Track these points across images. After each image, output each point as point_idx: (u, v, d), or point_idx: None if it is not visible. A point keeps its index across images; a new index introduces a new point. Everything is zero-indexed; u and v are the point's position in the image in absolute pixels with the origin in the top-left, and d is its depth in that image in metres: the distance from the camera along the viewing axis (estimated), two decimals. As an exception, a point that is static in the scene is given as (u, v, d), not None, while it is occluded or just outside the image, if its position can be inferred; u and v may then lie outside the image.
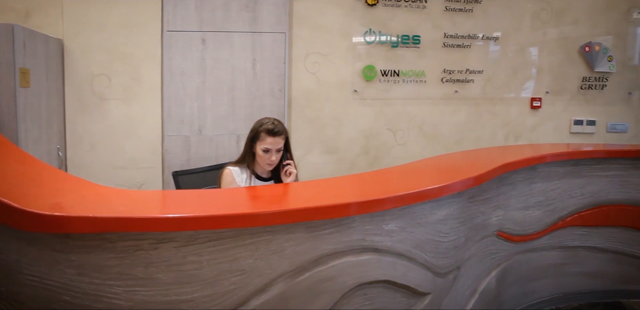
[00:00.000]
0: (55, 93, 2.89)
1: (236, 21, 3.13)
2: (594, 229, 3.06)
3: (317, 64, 3.28)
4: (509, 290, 2.77)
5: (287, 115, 3.29)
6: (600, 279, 3.09)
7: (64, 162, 3.11)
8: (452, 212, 2.00)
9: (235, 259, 1.39)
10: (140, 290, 1.37)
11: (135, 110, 3.13)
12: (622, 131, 3.84)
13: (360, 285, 1.62)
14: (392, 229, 1.67)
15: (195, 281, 1.38)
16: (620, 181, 3.03)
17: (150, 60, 3.07)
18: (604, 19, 3.67)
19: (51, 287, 1.38)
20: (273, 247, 1.42)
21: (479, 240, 2.40)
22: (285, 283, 1.46)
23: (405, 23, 3.37)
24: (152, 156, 3.22)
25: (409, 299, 1.84)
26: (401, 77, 3.39)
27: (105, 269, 1.36)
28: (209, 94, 3.17)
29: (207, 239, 1.36)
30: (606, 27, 3.68)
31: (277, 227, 1.40)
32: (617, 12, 3.68)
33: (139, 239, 1.33)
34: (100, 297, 1.38)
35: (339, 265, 1.54)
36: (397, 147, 3.49)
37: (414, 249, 1.81)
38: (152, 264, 1.35)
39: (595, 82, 3.72)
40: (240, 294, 1.43)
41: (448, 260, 2.06)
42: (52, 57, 2.79)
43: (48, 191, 1.45)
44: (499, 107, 3.62)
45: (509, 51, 3.59)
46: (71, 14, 2.97)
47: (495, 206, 2.50)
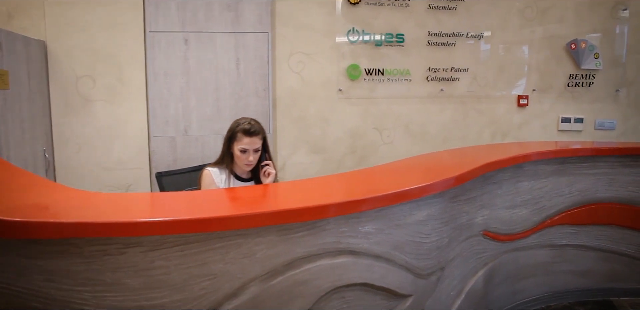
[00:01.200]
0: (39, 94, 2.85)
1: (218, 21, 3.09)
2: (583, 227, 3.03)
3: (301, 63, 3.25)
4: (497, 290, 2.75)
5: (272, 115, 3.25)
6: (590, 277, 3.07)
7: (51, 164, 3.07)
8: (433, 212, 1.97)
9: (204, 263, 1.36)
10: (109, 295, 1.34)
11: (120, 112, 3.10)
12: (610, 128, 3.81)
13: (337, 288, 1.59)
14: (369, 231, 1.64)
15: (164, 286, 1.35)
16: (607, 179, 3.00)
17: (133, 61, 3.03)
18: (590, 16, 3.64)
19: (20, 294, 1.35)
20: (244, 250, 1.39)
21: (464, 240, 2.37)
22: (258, 287, 1.43)
23: (388, 22, 3.33)
24: (139, 157, 3.19)
25: (390, 301, 1.81)
26: (386, 75, 3.36)
27: (73, 275, 1.32)
28: (194, 95, 3.14)
29: (175, 243, 1.33)
30: (592, 25, 3.65)
31: (248, 230, 1.37)
32: (603, 9, 3.65)
33: (105, 243, 1.29)
34: (69, 303, 1.34)
35: (314, 268, 1.51)
36: (384, 146, 3.46)
37: (393, 251, 1.78)
38: (120, 269, 1.32)
39: (582, 79, 3.69)
40: (212, 298, 1.40)
41: (431, 262, 2.03)
42: (34, 59, 2.75)
43: (15, 195, 1.42)
44: (486, 105, 3.60)
45: (495, 49, 3.55)
46: (53, 15, 2.93)
47: (480, 206, 2.47)
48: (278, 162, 3.35)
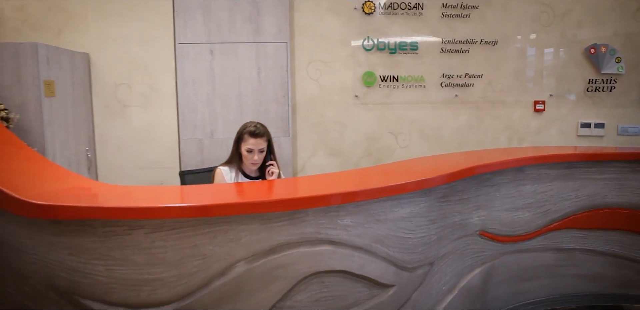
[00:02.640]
0: (82, 100, 3.24)
1: (241, 33, 3.38)
2: (592, 232, 3.04)
3: (319, 71, 3.48)
4: (498, 289, 2.83)
5: (292, 120, 3.50)
6: (600, 282, 3.06)
7: (93, 162, 3.47)
8: (418, 210, 2.13)
9: (196, 245, 1.61)
10: (118, 268, 1.62)
11: (153, 116, 3.46)
12: (636, 134, 3.76)
13: (316, 273, 1.79)
14: (348, 224, 1.83)
15: (162, 263, 1.61)
16: (617, 184, 2.99)
17: (165, 70, 3.39)
18: (611, 20, 3.63)
19: (49, 265, 1.66)
20: (230, 236, 1.63)
21: (457, 238, 2.49)
22: (243, 268, 1.67)
23: (402, 30, 3.50)
24: (170, 157, 3.53)
25: (371, 289, 1.99)
26: (400, 82, 3.52)
27: (90, 251, 1.62)
28: (219, 101, 3.44)
29: (171, 227, 1.59)
30: (614, 28, 3.64)
31: (232, 217, 1.61)
32: (627, 12, 3.63)
33: (115, 225, 1.58)
34: (86, 273, 1.64)
35: (293, 254, 1.72)
36: (400, 149, 3.62)
37: (374, 244, 1.95)
38: (126, 247, 1.60)
39: (603, 84, 3.68)
40: (203, 275, 1.65)
41: (417, 256, 2.18)
42: (78, 69, 3.14)
43: (46, 185, 1.74)
44: (501, 110, 3.66)
45: (509, 55, 3.62)
46: (96, 30, 3.34)
47: (476, 206, 2.58)
48: (298, 164, 3.59)
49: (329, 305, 1.86)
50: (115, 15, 3.34)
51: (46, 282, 1.68)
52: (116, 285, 1.64)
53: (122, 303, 1.65)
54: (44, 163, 1.91)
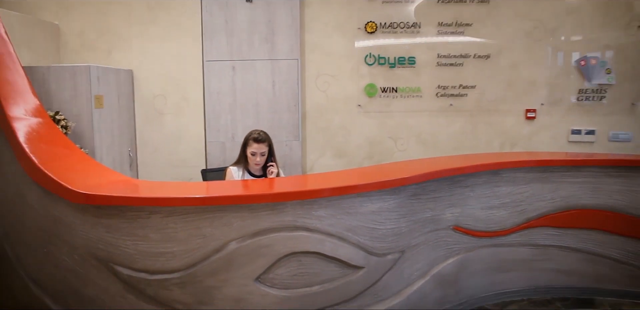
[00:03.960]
0: (126, 110, 3.81)
1: (258, 51, 3.83)
2: (567, 230, 3.22)
3: (326, 83, 3.89)
4: (473, 278, 3.09)
5: (302, 126, 3.92)
6: (574, 276, 3.22)
7: (134, 161, 4.04)
8: (387, 206, 2.48)
9: (198, 227, 2.06)
10: (140, 243, 2.10)
11: (184, 122, 3.97)
12: (626, 140, 3.92)
13: (294, 253, 2.19)
14: (322, 215, 2.22)
15: (173, 240, 2.08)
16: (591, 187, 3.18)
17: (194, 84, 3.90)
18: (601, 33, 3.80)
19: (92, 239, 2.16)
20: (224, 221, 2.07)
21: (430, 232, 2.81)
22: (234, 246, 2.10)
23: (401, 47, 3.83)
24: (198, 157, 4.03)
25: (343, 269, 2.37)
26: (399, 93, 3.87)
27: (120, 230, 2.10)
28: (239, 109, 3.91)
29: (180, 213, 2.05)
30: (605, 41, 3.80)
31: (226, 207, 2.05)
32: (617, 26, 3.79)
33: (138, 210, 2.05)
34: (118, 246, 2.13)
35: (274, 237, 2.14)
36: (399, 152, 3.96)
37: (346, 232, 2.33)
38: (147, 227, 2.07)
39: (593, 94, 3.86)
40: (204, 251, 2.10)
41: (387, 244, 2.54)
42: (123, 84, 3.71)
43: (92, 179, 2.25)
44: (494, 118, 3.92)
45: (502, 67, 3.85)
46: (138, 50, 3.89)
47: (449, 204, 2.87)
48: (307, 164, 4.01)
49: (305, 279, 2.27)
50: (154, 37, 3.88)
51: (89, 252, 2.18)
52: (139, 256, 2.12)
53: (144, 269, 2.13)
54: (91, 163, 2.44)
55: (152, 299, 2.14)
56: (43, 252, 2.35)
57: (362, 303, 2.47)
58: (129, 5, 3.88)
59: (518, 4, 3.81)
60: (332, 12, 3.85)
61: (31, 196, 2.35)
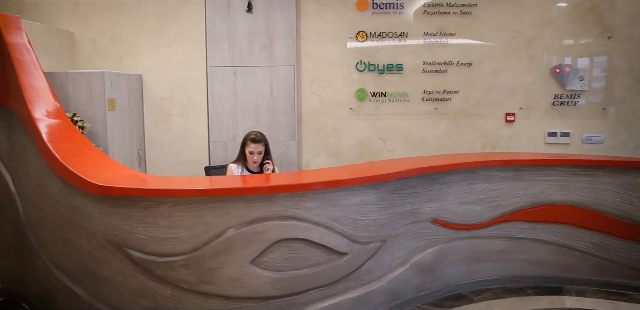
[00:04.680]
0: (136, 111, 4.07)
1: (257, 58, 4.09)
2: (539, 224, 3.42)
3: (321, 88, 4.14)
4: (451, 266, 3.31)
5: (298, 128, 4.18)
6: (545, 266, 3.43)
7: (143, 159, 4.31)
8: (369, 199, 2.71)
9: (201, 216, 2.32)
10: (151, 229, 2.35)
11: (189, 123, 4.23)
12: (598, 142, 4.16)
13: (284, 239, 2.44)
14: (309, 206, 2.47)
15: (180, 227, 2.33)
16: (560, 185, 3.38)
17: (199, 88, 4.16)
18: (575, 43, 4.04)
19: (109, 226, 2.41)
20: (224, 210, 2.33)
21: (409, 223, 3.03)
22: (232, 232, 2.35)
23: (389, 54, 4.07)
24: (202, 155, 4.29)
25: (329, 255, 2.61)
26: (388, 97, 4.12)
27: (133, 217, 2.36)
28: (240, 112, 4.17)
29: (185, 203, 2.30)
30: (578, 51, 4.04)
31: (225, 198, 2.30)
32: (589, 37, 4.04)
33: (149, 201, 2.31)
34: (132, 232, 2.38)
35: (267, 225, 2.39)
36: (387, 152, 4.22)
37: (332, 222, 2.58)
38: (157, 216, 2.33)
39: (568, 99, 4.10)
40: (205, 237, 2.35)
41: (369, 234, 2.77)
42: (133, 87, 3.97)
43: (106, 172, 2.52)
44: (476, 121, 4.17)
45: (483, 74, 4.08)
46: (147, 56, 4.15)
47: (428, 199, 3.10)
48: (303, 163, 4.27)
49: (295, 263, 2.51)
50: (162, 45, 4.15)
51: (105, 238, 2.44)
52: (150, 241, 2.37)
53: (154, 253, 2.38)
54: (105, 159, 2.70)
55: (161, 279, 2.39)
56: (63, 238, 2.61)
57: (347, 286, 2.72)
58: (139, 15, 4.15)
59: (498, 15, 4.06)
60: (326, 23, 4.11)
61: (53, 188, 2.61)
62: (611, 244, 3.40)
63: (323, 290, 2.63)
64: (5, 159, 2.97)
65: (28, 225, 2.87)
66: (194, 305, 2.42)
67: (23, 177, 2.86)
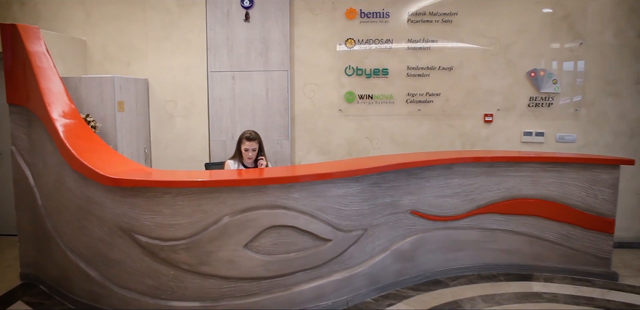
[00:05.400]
0: (142, 113, 4.34)
1: (254, 64, 4.35)
2: (511, 217, 3.64)
3: (312, 91, 4.40)
4: (429, 254, 3.52)
5: (291, 127, 4.44)
6: (516, 255, 3.67)
7: (149, 156, 4.57)
8: (351, 191, 2.96)
9: (199, 204, 2.58)
10: (156, 217, 2.61)
11: (191, 123, 4.50)
12: (571, 141, 4.40)
13: (274, 226, 2.69)
14: (297, 197, 2.73)
15: (181, 214, 2.60)
16: (530, 180, 3.61)
17: (200, 91, 4.42)
18: (549, 49, 4.28)
19: (118, 214, 2.68)
20: (220, 200, 2.60)
21: (390, 214, 3.26)
22: (227, 219, 2.61)
23: (376, 60, 4.31)
24: (203, 153, 4.55)
25: (315, 241, 2.87)
26: (374, 99, 4.37)
27: (141, 206, 2.63)
28: (238, 113, 4.43)
29: (186, 193, 2.57)
30: (552, 55, 4.27)
31: (221, 189, 2.56)
32: (562, 42, 4.28)
33: (154, 191, 2.58)
34: (139, 220, 2.65)
35: (258, 213, 2.64)
36: (374, 150, 4.47)
37: (317, 211, 2.83)
38: (161, 204, 2.60)
39: (542, 101, 4.35)
40: (204, 223, 2.61)
41: (352, 222, 3.02)
42: (140, 91, 4.25)
43: (117, 165, 2.80)
44: (456, 121, 4.41)
45: (463, 78, 4.30)
46: (153, 62, 4.42)
47: (407, 192, 3.33)
48: (295, 160, 4.52)
49: (284, 247, 2.77)
50: (166, 51, 4.41)
51: (116, 224, 2.72)
52: (155, 226, 2.65)
53: (158, 237, 2.65)
54: (115, 155, 2.97)
55: (164, 261, 2.67)
56: (78, 225, 2.89)
57: (331, 269, 2.99)
58: (145, 24, 4.42)
59: (477, 23, 4.31)
60: (317, 31, 4.36)
61: (69, 181, 2.90)
62: (577, 234, 3.64)
63: (309, 273, 2.89)
64: (25, 156, 3.25)
65: (46, 214, 3.15)
66: (193, 284, 2.69)
67: (41, 171, 3.14)
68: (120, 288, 2.79)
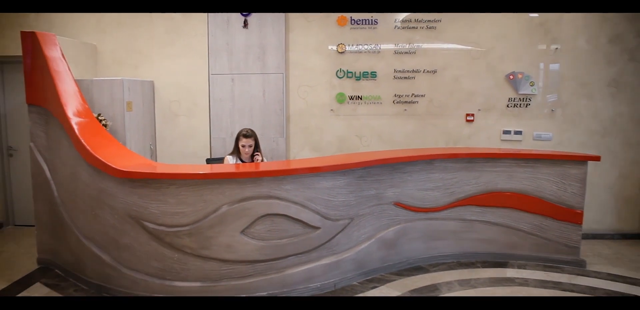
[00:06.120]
0: (148, 112, 4.60)
1: (252, 67, 4.58)
2: (488, 208, 3.86)
3: (306, 92, 4.65)
4: (411, 243, 3.74)
5: (286, 126, 4.69)
6: (493, 244, 3.89)
7: (154, 152, 4.83)
8: (338, 184, 3.20)
9: (201, 195, 2.83)
10: (162, 205, 2.86)
11: (194, 122, 4.75)
12: (547, 139, 4.65)
13: (268, 214, 2.93)
14: (288, 189, 2.97)
15: (185, 203, 2.84)
16: (506, 175, 3.82)
17: (202, 92, 4.66)
18: (526, 54, 4.53)
19: (127, 203, 2.93)
20: (219, 191, 2.84)
21: (375, 205, 3.48)
22: (225, 208, 2.85)
23: (365, 63, 4.54)
24: (204, 149, 4.78)
25: (305, 228, 3.11)
26: (363, 100, 4.61)
27: (149, 196, 2.88)
28: (237, 113, 4.69)
29: (190, 184, 2.81)
30: (530, 59, 4.51)
31: (221, 180, 2.80)
32: (540, 47, 4.53)
33: (161, 182, 2.83)
34: (147, 208, 2.90)
35: (254, 202, 2.89)
36: (363, 148, 4.71)
37: (307, 201, 3.07)
38: (167, 194, 2.84)
39: (520, 101, 4.59)
40: (205, 211, 2.86)
41: (339, 212, 3.26)
42: (146, 92, 4.50)
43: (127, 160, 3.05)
44: (440, 120, 4.65)
45: (446, 80, 4.53)
46: (158, 65, 4.66)
47: (390, 185, 3.55)
48: (290, 157, 4.75)
49: (277, 234, 3.01)
50: (171, 55, 4.65)
51: (126, 213, 2.98)
52: (161, 214, 2.90)
53: (164, 224, 2.90)
54: (125, 150, 3.22)
55: (169, 245, 2.92)
56: (91, 214, 3.14)
57: (320, 254, 3.23)
58: (151, 30, 4.67)
59: (459, 30, 4.55)
60: (311, 36, 4.60)
61: (83, 174, 3.15)
62: (549, 225, 3.87)
63: (300, 257, 3.14)
64: (42, 151, 3.51)
65: (61, 204, 3.40)
66: (195, 266, 2.94)
67: (57, 165, 3.40)
68: (129, 270, 3.02)
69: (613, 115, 4.56)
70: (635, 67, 4.48)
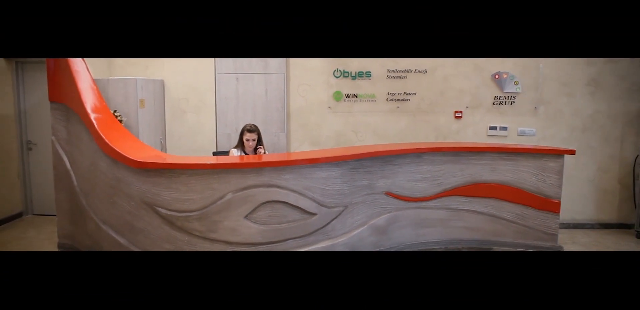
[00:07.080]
0: (159, 109, 4.83)
1: (255, 67, 4.78)
2: (473, 199, 4.04)
3: (305, 90, 4.88)
4: (402, 230, 3.96)
5: (287, 122, 4.92)
6: (478, 232, 4.04)
7: (164, 147, 5.07)
8: (333, 175, 3.40)
9: (208, 183, 3.05)
10: (174, 193, 3.09)
11: (201, 118, 4.98)
12: (531, 135, 4.87)
13: (269, 201, 3.13)
14: (287, 178, 3.18)
15: (194, 191, 3.07)
16: (490, 167, 4.02)
17: (208, 91, 4.89)
18: (511, 55, 4.75)
19: (142, 190, 3.16)
20: (225, 180, 3.06)
21: (367, 194, 3.67)
22: (231, 195, 3.05)
23: (360, 64, 4.73)
24: (211, 144, 5.00)
25: (303, 214, 3.32)
26: (359, 98, 4.83)
27: (161, 184, 3.11)
28: (241, 110, 4.91)
29: (198, 174, 3.03)
30: (514, 60, 4.70)
31: (226, 170, 3.02)
32: (524, 50, 4.75)
33: (172, 172, 3.05)
34: (160, 195, 3.13)
35: (256, 190, 3.10)
36: (358, 142, 4.91)
37: (304, 189, 3.28)
38: (178, 182, 3.06)
39: (506, 99, 4.80)
40: (212, 198, 3.07)
41: (334, 200, 3.47)
42: (157, 90, 4.73)
43: (142, 152, 3.28)
44: (430, 117, 4.86)
45: (436, 80, 4.73)
46: (168, 65, 4.89)
47: (381, 176, 3.75)
48: (291, 150, 4.94)
49: (277, 219, 3.22)
50: (179, 55, 4.90)
51: (141, 200, 3.21)
52: (173, 201, 3.13)
53: (175, 210, 3.12)
54: (139, 143, 3.44)
55: (180, 228, 3.13)
56: (109, 201, 3.37)
57: (316, 238, 3.43)
58: (161, 32, 4.89)
59: (449, 32, 4.76)
60: (311, 38, 4.82)
61: (102, 165, 3.38)
62: (529, 214, 4.03)
63: (298, 240, 3.33)
64: (63, 145, 3.74)
65: (81, 193, 3.63)
66: (203, 248, 3.14)
67: (77, 157, 3.63)
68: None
69: (592, 113, 4.76)
70: (612, 67, 4.68)
